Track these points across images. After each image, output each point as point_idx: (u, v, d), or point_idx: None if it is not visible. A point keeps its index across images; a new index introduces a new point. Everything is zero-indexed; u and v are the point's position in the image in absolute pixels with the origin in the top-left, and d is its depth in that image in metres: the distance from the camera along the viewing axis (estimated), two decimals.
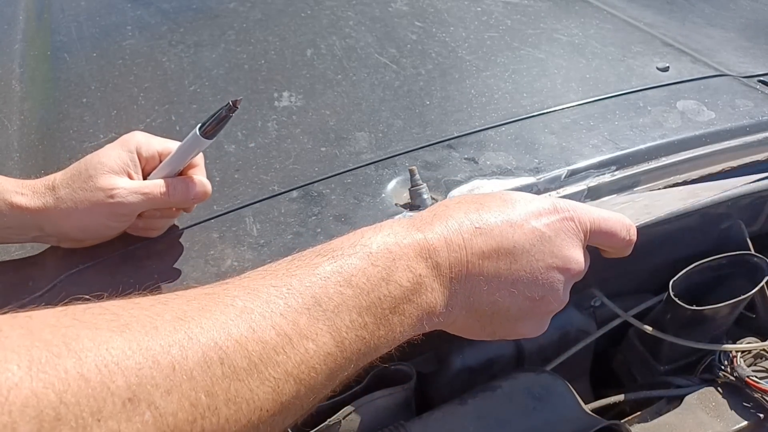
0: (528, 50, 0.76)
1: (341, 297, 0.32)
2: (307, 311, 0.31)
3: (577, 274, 0.40)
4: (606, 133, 0.62)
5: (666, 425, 0.49)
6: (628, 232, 0.42)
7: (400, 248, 0.35)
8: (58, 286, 0.51)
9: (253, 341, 0.28)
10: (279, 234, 0.53)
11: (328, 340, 0.31)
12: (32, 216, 0.49)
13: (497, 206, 0.39)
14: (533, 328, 0.41)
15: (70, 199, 0.48)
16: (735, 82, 0.71)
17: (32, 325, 0.24)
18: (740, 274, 0.54)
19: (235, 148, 0.63)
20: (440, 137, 0.63)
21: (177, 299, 0.29)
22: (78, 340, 0.24)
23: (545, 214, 0.39)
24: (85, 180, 0.48)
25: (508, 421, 0.47)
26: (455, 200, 0.40)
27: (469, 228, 0.37)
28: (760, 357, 0.54)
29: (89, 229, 0.50)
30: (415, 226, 0.37)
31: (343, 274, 0.33)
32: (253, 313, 0.29)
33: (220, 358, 0.27)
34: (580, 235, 0.40)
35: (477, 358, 0.54)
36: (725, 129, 0.63)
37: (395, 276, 0.34)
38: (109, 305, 0.27)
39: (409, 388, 0.49)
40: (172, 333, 0.26)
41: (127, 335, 0.25)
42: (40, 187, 0.49)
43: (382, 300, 0.33)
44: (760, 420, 0.49)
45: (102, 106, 0.70)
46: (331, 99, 0.69)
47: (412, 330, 0.36)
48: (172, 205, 0.51)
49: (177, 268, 0.51)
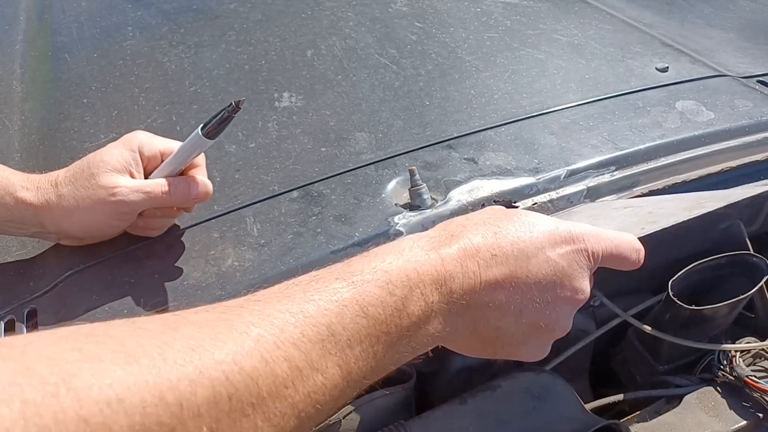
0: (527, 51, 0.76)
1: (356, 327, 0.32)
2: (320, 342, 0.30)
3: (582, 303, 0.40)
4: (605, 134, 0.62)
5: (665, 425, 0.50)
6: (638, 254, 0.42)
7: (418, 275, 0.35)
8: (59, 286, 0.51)
9: (265, 375, 0.27)
10: (279, 234, 0.53)
11: (336, 372, 0.31)
12: (35, 212, 0.49)
13: (515, 231, 0.38)
14: (534, 353, 0.41)
15: (72, 196, 0.49)
16: (734, 83, 0.71)
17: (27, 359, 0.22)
18: (739, 273, 0.54)
19: (235, 148, 0.63)
20: (440, 137, 0.63)
21: (188, 326, 0.28)
22: (78, 376, 0.22)
23: (560, 243, 0.39)
24: (88, 178, 0.49)
25: (508, 420, 0.47)
26: (473, 220, 0.39)
27: (485, 255, 0.37)
28: (759, 357, 0.54)
29: (90, 228, 0.50)
30: (434, 248, 0.37)
31: (360, 303, 0.32)
32: (267, 343, 0.28)
33: (230, 394, 0.26)
34: (591, 265, 0.40)
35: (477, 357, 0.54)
36: (724, 129, 0.63)
37: (410, 307, 0.34)
38: (116, 332, 0.26)
39: (409, 388, 0.49)
40: (182, 366, 0.25)
41: (133, 369, 0.24)
42: (44, 183, 0.49)
43: (394, 329, 0.33)
44: (759, 420, 0.49)
45: (103, 107, 0.70)
46: (332, 99, 0.69)
47: (415, 353, 0.36)
48: (174, 204, 0.51)
49: (178, 268, 0.51)
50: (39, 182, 0.50)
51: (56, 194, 0.49)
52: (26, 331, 0.49)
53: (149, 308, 0.48)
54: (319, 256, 0.51)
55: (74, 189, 0.49)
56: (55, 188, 0.49)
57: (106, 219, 0.49)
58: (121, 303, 0.49)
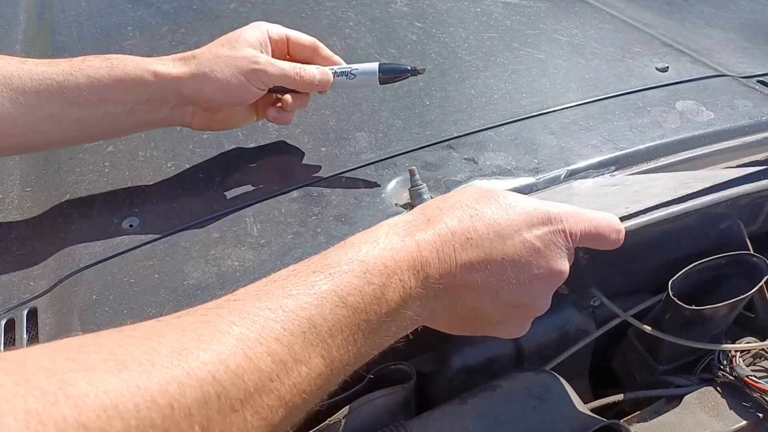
0: (527, 51, 0.76)
1: (336, 318, 0.32)
2: (302, 335, 0.31)
3: (560, 282, 0.41)
4: (605, 134, 0.62)
5: (665, 425, 0.50)
6: (617, 234, 0.43)
7: (394, 262, 0.35)
8: (59, 286, 0.51)
9: (250, 371, 0.28)
10: (279, 234, 0.53)
11: (319, 363, 0.31)
12: (175, 83, 0.53)
13: (491, 213, 0.39)
14: (513, 331, 0.42)
15: (214, 63, 0.53)
16: (734, 83, 0.71)
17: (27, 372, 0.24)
18: (739, 273, 0.54)
19: (235, 148, 0.63)
20: (440, 137, 0.63)
21: (172, 331, 0.28)
22: (75, 385, 0.23)
23: (537, 224, 0.40)
24: (229, 49, 0.54)
25: (508, 420, 0.47)
26: (450, 202, 0.40)
27: (460, 239, 0.38)
28: (759, 357, 0.54)
29: (230, 91, 0.54)
30: (409, 233, 0.37)
31: (339, 294, 0.33)
32: (249, 340, 0.29)
33: (218, 392, 0.27)
34: (569, 245, 0.41)
35: (477, 357, 0.54)
36: (724, 129, 0.63)
37: (388, 294, 0.34)
38: (105, 341, 0.27)
39: (409, 388, 0.49)
40: (169, 369, 0.26)
41: (124, 375, 0.25)
42: (178, 57, 0.54)
43: (374, 316, 0.34)
44: (759, 419, 0.49)
45: None
46: (331, 99, 0.69)
47: (395, 337, 0.37)
48: (300, 87, 0.56)
49: (178, 268, 0.51)
50: (172, 58, 0.54)
51: (195, 63, 0.53)
52: (26, 331, 0.49)
53: (149, 308, 0.48)
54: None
55: (215, 57, 0.53)
56: (193, 59, 0.53)
57: (245, 85, 0.54)
58: (121, 303, 0.49)
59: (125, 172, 0.61)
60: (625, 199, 0.50)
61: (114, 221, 0.56)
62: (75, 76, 0.52)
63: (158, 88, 0.53)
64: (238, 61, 0.53)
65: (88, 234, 0.55)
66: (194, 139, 0.65)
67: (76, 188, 0.60)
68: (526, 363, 0.56)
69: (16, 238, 0.56)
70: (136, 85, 0.52)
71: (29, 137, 0.53)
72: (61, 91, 0.51)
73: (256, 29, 0.56)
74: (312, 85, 0.56)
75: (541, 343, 0.56)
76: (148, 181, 0.60)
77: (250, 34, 0.55)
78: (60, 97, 0.51)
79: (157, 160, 0.63)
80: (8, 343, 0.48)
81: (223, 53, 0.53)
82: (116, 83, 0.52)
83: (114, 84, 0.52)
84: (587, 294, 0.57)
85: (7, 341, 0.48)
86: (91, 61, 0.53)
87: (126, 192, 0.59)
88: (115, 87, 0.52)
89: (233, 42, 0.54)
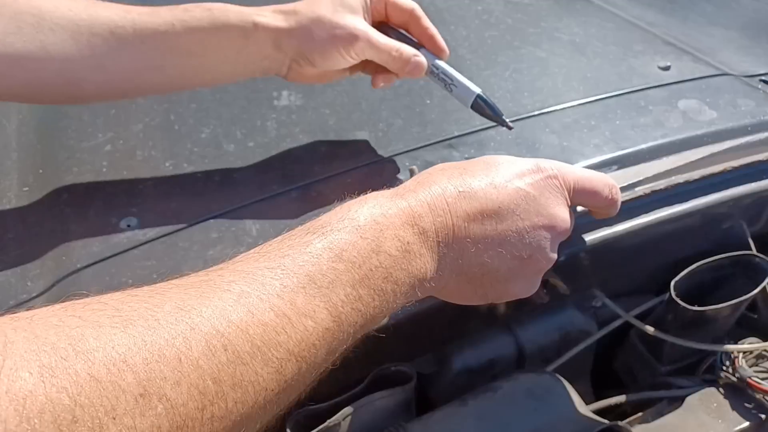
0: (529, 49, 0.76)
1: (334, 272, 0.33)
2: (302, 290, 0.31)
3: (563, 232, 0.41)
4: (607, 133, 0.62)
5: (667, 426, 0.49)
6: (611, 190, 0.43)
7: (386, 218, 0.36)
8: (57, 286, 0.51)
9: (254, 324, 0.29)
10: (279, 234, 0.52)
11: (325, 316, 0.32)
12: (274, 35, 0.53)
13: (481, 170, 0.40)
14: (524, 288, 0.42)
15: (315, 24, 0.53)
16: (737, 82, 0.70)
17: (36, 328, 0.24)
18: (742, 274, 0.54)
19: (234, 147, 0.63)
20: (440, 137, 0.62)
21: (174, 288, 0.29)
22: (83, 340, 0.24)
23: (529, 173, 0.40)
24: (332, 13, 0.54)
25: (509, 421, 0.47)
26: (439, 167, 0.41)
27: (452, 192, 0.38)
28: (761, 357, 0.54)
29: (325, 54, 0.54)
30: (399, 195, 0.38)
31: (334, 250, 0.33)
32: (251, 297, 0.29)
33: (224, 345, 0.27)
34: (564, 193, 0.41)
35: (477, 358, 0.54)
36: (727, 128, 0.62)
37: (384, 246, 0.35)
38: (108, 299, 0.27)
39: (410, 389, 0.49)
40: (174, 324, 0.27)
41: (130, 331, 0.25)
42: (279, 10, 0.54)
43: (374, 271, 0.34)
44: (761, 421, 0.49)
45: (101, 106, 0.70)
46: (331, 98, 0.69)
47: (405, 298, 0.36)
48: (391, 67, 0.56)
49: (176, 269, 0.51)
50: (272, 10, 0.54)
51: (296, 20, 0.53)
52: None
53: None
54: None
55: (317, 19, 0.53)
56: (294, 14, 0.54)
57: (340, 53, 0.54)
58: None
59: (123, 172, 0.61)
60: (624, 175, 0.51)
61: (112, 221, 0.56)
62: (176, 27, 0.52)
63: (257, 40, 0.54)
64: (338, 30, 0.53)
65: (86, 234, 0.55)
66: (193, 138, 0.64)
67: (73, 188, 0.60)
68: (527, 364, 0.56)
69: (14, 239, 0.56)
70: (237, 36, 0.53)
71: (133, 85, 0.56)
72: (164, 41, 0.52)
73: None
74: (404, 68, 0.56)
75: (543, 344, 0.55)
76: (146, 181, 0.60)
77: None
78: (162, 47, 0.53)
79: (155, 159, 0.62)
80: None
81: (325, 16, 0.53)
82: (217, 34, 0.53)
83: (214, 35, 0.53)
84: (589, 295, 0.57)
85: None
86: (193, 12, 0.53)
87: (124, 192, 0.59)
88: (216, 38, 0.53)
89: (336, 5, 0.54)
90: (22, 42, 0.50)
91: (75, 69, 0.52)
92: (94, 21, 0.52)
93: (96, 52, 0.52)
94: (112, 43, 0.52)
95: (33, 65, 0.51)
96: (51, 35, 0.51)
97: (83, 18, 0.52)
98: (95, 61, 0.52)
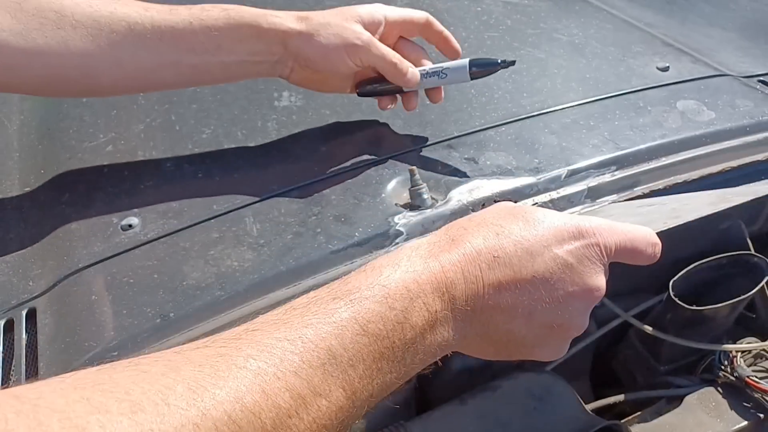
0: (528, 50, 0.76)
1: (356, 347, 0.31)
2: (322, 366, 0.30)
3: (597, 300, 0.39)
4: (606, 133, 0.62)
5: (666, 425, 0.50)
6: (654, 248, 0.41)
7: (418, 285, 0.34)
8: (58, 286, 0.51)
9: (267, 408, 0.27)
10: (279, 234, 0.53)
11: (340, 395, 0.30)
12: (282, 36, 0.56)
13: (518, 230, 0.37)
14: (551, 353, 0.40)
15: (322, 27, 0.56)
16: (735, 82, 0.71)
17: (40, 414, 0.23)
18: (740, 274, 0.54)
19: (234, 147, 0.63)
20: (440, 137, 0.63)
21: (188, 365, 0.28)
22: (88, 429, 0.23)
23: (569, 239, 0.37)
24: (340, 19, 0.56)
25: (508, 421, 0.47)
26: (475, 221, 0.38)
27: (487, 258, 0.36)
28: (760, 357, 0.54)
29: (328, 57, 0.56)
30: (433, 255, 0.36)
31: (359, 321, 0.32)
32: (267, 375, 0.28)
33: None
34: (604, 260, 0.39)
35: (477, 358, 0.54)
36: (725, 129, 0.63)
37: (412, 319, 0.33)
38: (120, 377, 0.26)
39: (409, 388, 0.49)
40: (185, 410, 0.25)
41: (139, 418, 0.24)
42: (294, 15, 0.57)
43: (397, 344, 0.33)
44: (760, 420, 0.49)
45: (101, 106, 0.70)
46: (331, 98, 0.69)
47: (423, 364, 0.35)
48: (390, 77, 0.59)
49: (177, 268, 0.51)
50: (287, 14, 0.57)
51: (306, 24, 0.56)
52: (25, 331, 0.48)
53: (148, 309, 0.48)
54: (319, 256, 0.51)
55: (325, 23, 0.56)
56: (306, 19, 0.56)
57: (342, 56, 0.56)
58: (120, 303, 0.48)
59: (124, 172, 0.61)
60: (662, 216, 0.49)
61: (113, 221, 0.56)
62: (194, 25, 0.55)
63: (268, 40, 0.56)
64: (344, 32, 0.56)
65: (87, 234, 0.55)
66: (194, 138, 0.65)
67: (75, 188, 0.60)
68: (526, 363, 0.56)
69: (15, 238, 0.56)
70: (249, 35, 0.56)
71: (148, 80, 0.58)
72: (181, 39, 0.55)
73: (374, 8, 0.59)
74: (401, 78, 0.58)
75: None
76: (147, 181, 0.60)
77: (365, 10, 0.58)
78: (179, 44, 0.55)
79: (156, 159, 0.62)
80: (7, 344, 0.48)
81: (333, 21, 0.56)
82: (231, 33, 0.55)
83: (230, 35, 0.55)
84: None
85: (6, 342, 0.48)
86: (210, 12, 0.56)
87: (125, 192, 0.59)
88: (231, 38, 0.55)
89: (346, 14, 0.57)
90: (44, 38, 0.52)
91: (94, 64, 0.54)
92: (114, 18, 0.54)
93: (115, 48, 0.54)
94: (131, 39, 0.54)
95: (53, 60, 0.53)
96: (71, 31, 0.52)
97: (103, 15, 0.54)
98: (113, 56, 0.54)
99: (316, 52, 0.56)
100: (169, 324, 0.47)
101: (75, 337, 0.47)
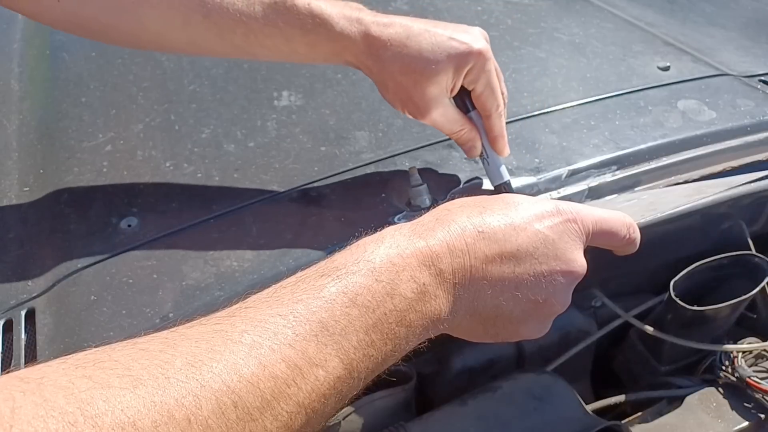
0: (528, 49, 0.76)
1: (347, 318, 0.32)
2: (315, 338, 0.31)
3: (579, 277, 0.40)
4: (607, 133, 0.62)
5: (667, 426, 0.49)
6: (629, 230, 0.43)
7: (402, 259, 0.35)
8: (58, 286, 0.51)
9: (265, 378, 0.28)
10: (279, 234, 0.53)
11: (337, 365, 0.31)
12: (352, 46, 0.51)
13: (500, 209, 0.39)
14: (535, 330, 0.41)
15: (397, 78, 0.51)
16: (736, 82, 0.70)
17: (45, 392, 0.24)
18: (741, 274, 0.54)
19: (234, 147, 0.63)
20: (440, 137, 0.62)
21: (185, 341, 0.29)
22: (92, 403, 0.24)
23: (548, 216, 0.39)
24: (414, 83, 0.50)
25: (509, 421, 0.47)
26: (458, 203, 0.40)
27: (471, 232, 0.37)
28: (761, 357, 0.54)
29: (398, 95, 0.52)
30: (417, 233, 0.37)
31: (348, 294, 0.33)
32: (262, 348, 0.29)
33: (234, 402, 0.27)
34: (583, 237, 0.40)
35: (477, 358, 0.54)
36: (726, 129, 0.62)
37: (399, 289, 0.34)
38: (119, 355, 0.27)
39: (410, 389, 0.49)
40: (184, 382, 0.26)
41: (140, 391, 0.25)
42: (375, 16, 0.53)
43: (388, 315, 0.33)
44: (760, 420, 0.49)
45: (101, 106, 0.70)
46: (331, 98, 0.69)
47: (417, 339, 0.36)
48: (453, 138, 0.55)
49: (177, 268, 0.51)
50: (369, 13, 0.53)
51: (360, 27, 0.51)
52: (24, 331, 0.48)
53: (147, 309, 0.48)
54: (319, 257, 0.51)
55: (400, 84, 0.51)
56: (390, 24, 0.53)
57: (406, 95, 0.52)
58: (119, 303, 0.48)
59: (124, 172, 0.61)
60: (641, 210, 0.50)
61: (112, 221, 0.56)
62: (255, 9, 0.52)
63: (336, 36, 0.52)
64: (416, 105, 0.52)
65: (86, 234, 0.55)
66: (193, 138, 0.64)
67: (74, 188, 0.60)
68: (527, 364, 0.56)
69: (14, 239, 0.56)
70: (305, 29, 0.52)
71: (198, 48, 0.57)
72: (240, 20, 0.52)
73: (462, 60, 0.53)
74: (462, 146, 0.55)
75: (542, 344, 0.56)
76: (146, 181, 0.60)
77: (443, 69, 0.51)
78: (237, 26, 0.52)
79: (155, 159, 0.62)
80: (6, 344, 0.48)
81: (407, 85, 0.51)
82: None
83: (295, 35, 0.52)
84: (589, 294, 0.57)
85: (5, 342, 0.48)
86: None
87: (124, 192, 0.59)
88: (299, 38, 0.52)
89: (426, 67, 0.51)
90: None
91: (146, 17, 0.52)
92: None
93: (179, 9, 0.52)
94: (197, 18, 0.52)
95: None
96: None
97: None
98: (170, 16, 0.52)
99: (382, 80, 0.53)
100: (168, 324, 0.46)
101: (74, 337, 0.47)
